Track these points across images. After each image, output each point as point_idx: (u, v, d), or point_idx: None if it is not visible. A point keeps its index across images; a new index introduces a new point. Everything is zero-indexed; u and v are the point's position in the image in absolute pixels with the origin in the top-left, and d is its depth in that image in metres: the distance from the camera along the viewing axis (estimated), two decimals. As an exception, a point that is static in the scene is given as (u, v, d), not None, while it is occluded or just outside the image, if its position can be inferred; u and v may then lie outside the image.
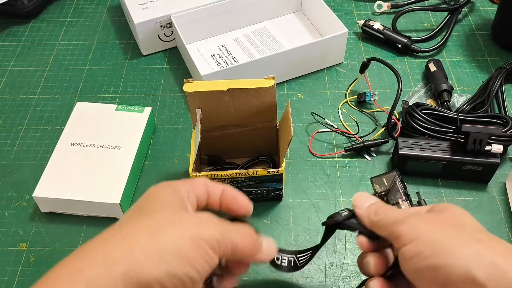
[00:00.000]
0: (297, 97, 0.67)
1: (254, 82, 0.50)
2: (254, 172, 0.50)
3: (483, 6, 0.80)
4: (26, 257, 0.52)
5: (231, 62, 0.70)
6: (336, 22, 0.68)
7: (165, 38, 0.73)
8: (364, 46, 0.74)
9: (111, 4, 0.82)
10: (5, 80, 0.71)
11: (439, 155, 0.54)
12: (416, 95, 0.66)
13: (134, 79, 0.70)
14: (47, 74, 0.71)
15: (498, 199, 0.56)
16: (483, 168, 0.55)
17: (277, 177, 0.51)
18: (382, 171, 0.58)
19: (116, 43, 0.76)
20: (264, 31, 0.75)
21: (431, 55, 0.72)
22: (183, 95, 0.68)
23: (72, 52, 0.74)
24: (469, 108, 0.61)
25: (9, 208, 0.56)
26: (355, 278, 0.50)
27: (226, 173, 0.50)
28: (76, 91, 0.69)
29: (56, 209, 0.55)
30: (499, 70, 0.64)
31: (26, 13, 0.79)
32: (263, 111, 0.53)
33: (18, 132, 0.64)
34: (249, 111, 0.53)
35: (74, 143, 0.57)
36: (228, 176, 0.50)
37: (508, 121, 0.56)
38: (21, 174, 0.59)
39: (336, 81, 0.69)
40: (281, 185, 0.53)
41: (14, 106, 0.67)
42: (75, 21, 0.80)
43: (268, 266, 0.50)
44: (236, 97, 0.51)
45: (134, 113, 0.60)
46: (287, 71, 0.67)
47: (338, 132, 0.62)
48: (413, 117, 0.57)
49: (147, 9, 0.71)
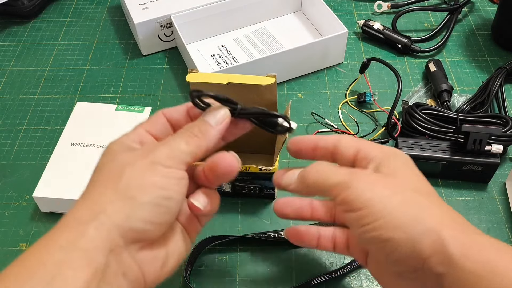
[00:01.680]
0: (297, 97, 0.67)
1: (255, 78, 0.50)
2: (246, 168, 0.50)
3: (483, 6, 0.80)
4: (26, 257, 0.52)
5: (231, 62, 0.70)
6: (336, 22, 0.68)
7: (165, 38, 0.73)
8: (364, 46, 0.74)
9: (111, 4, 0.82)
10: (5, 80, 0.71)
11: (439, 155, 0.54)
12: (416, 95, 0.66)
13: (134, 79, 0.70)
14: (47, 74, 0.71)
15: (498, 199, 0.56)
16: (483, 168, 0.55)
17: (269, 175, 0.51)
18: (382, 171, 0.58)
19: (116, 43, 0.76)
20: (264, 31, 0.75)
21: (431, 55, 0.72)
22: (183, 95, 0.68)
23: (72, 52, 0.74)
24: (469, 108, 0.61)
25: (9, 208, 0.56)
26: (355, 278, 0.50)
27: None
28: (76, 91, 0.69)
29: (56, 209, 0.55)
30: (499, 70, 0.64)
31: (26, 13, 0.79)
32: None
33: (18, 132, 0.64)
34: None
35: (74, 143, 0.57)
36: None
37: (508, 121, 0.56)
38: (21, 174, 0.59)
39: (336, 81, 0.69)
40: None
41: (14, 106, 0.67)
42: (75, 21, 0.80)
43: (268, 266, 0.50)
44: (237, 91, 0.51)
45: (134, 113, 0.60)
46: (287, 71, 0.67)
47: (338, 132, 0.62)
48: (413, 117, 0.57)
49: (147, 9, 0.71)
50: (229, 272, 0.50)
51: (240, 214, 0.55)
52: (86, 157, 0.56)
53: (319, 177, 0.37)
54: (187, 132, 0.36)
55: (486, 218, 0.54)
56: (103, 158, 0.35)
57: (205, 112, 0.37)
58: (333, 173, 0.36)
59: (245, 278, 0.50)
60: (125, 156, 0.34)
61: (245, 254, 0.51)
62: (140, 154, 0.34)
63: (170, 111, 0.38)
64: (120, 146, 0.36)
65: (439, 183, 0.57)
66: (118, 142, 0.36)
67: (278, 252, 0.51)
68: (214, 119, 0.36)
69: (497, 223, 0.53)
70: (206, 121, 0.36)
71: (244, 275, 0.50)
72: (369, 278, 0.49)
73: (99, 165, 0.35)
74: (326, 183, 0.36)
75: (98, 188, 0.33)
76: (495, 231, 0.53)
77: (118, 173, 0.33)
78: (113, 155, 0.35)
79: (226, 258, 0.51)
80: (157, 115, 0.38)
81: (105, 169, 0.34)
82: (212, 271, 0.50)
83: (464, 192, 0.56)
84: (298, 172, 0.39)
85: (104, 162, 0.35)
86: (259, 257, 0.51)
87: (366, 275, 0.50)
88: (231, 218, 0.54)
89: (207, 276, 0.50)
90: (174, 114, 0.38)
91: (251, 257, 0.51)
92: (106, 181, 0.33)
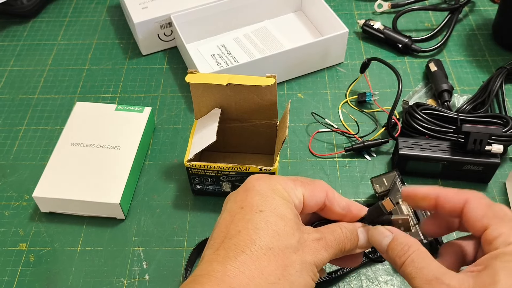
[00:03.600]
0: (297, 97, 0.67)
1: (255, 79, 0.50)
2: (246, 168, 0.50)
3: (484, 6, 0.80)
4: (26, 257, 0.52)
5: (231, 62, 0.70)
6: (336, 21, 0.68)
7: (165, 38, 0.73)
8: (365, 46, 0.74)
9: (111, 4, 0.82)
10: (4, 80, 0.71)
11: (439, 155, 0.54)
12: (417, 95, 0.65)
13: (134, 79, 0.70)
14: (47, 74, 0.71)
15: (498, 199, 0.55)
16: (483, 168, 0.55)
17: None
18: (382, 171, 0.58)
19: (116, 43, 0.76)
20: (264, 31, 0.74)
21: (432, 55, 0.72)
22: (183, 95, 0.67)
23: (71, 52, 0.74)
24: (470, 108, 0.61)
25: (9, 208, 0.56)
26: (355, 278, 0.49)
27: (219, 166, 0.50)
28: (76, 91, 0.69)
29: (56, 209, 0.55)
30: (500, 70, 0.64)
31: (26, 13, 0.79)
32: (264, 108, 0.53)
33: (18, 132, 0.64)
34: (250, 107, 0.53)
35: (74, 143, 0.57)
36: (221, 169, 0.51)
37: (508, 121, 0.56)
38: (21, 174, 0.59)
39: (336, 81, 0.69)
40: None
41: (14, 106, 0.67)
42: (74, 21, 0.80)
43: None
44: (237, 92, 0.51)
45: (134, 113, 0.60)
46: (287, 71, 0.67)
47: (338, 132, 0.62)
48: (413, 117, 0.57)
49: (146, 9, 0.70)
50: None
51: (240, 214, 0.55)
52: (86, 157, 0.56)
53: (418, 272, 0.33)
54: (340, 245, 0.35)
55: (486, 218, 0.54)
56: (260, 195, 0.33)
57: (364, 229, 0.36)
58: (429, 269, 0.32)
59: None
60: (293, 239, 0.32)
61: (245, 254, 0.51)
62: (308, 248, 0.33)
63: (333, 200, 0.36)
64: (279, 195, 0.34)
65: (439, 183, 0.57)
66: (278, 187, 0.34)
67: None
68: (366, 243, 0.36)
69: (498, 223, 0.53)
70: (358, 241, 0.36)
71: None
72: (369, 278, 0.49)
73: (255, 201, 0.33)
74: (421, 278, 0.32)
75: (266, 262, 0.31)
76: (496, 231, 0.53)
77: (286, 260, 0.32)
78: (274, 206, 0.33)
79: (226, 259, 0.51)
80: (320, 188, 0.36)
81: (270, 230, 0.32)
82: (212, 271, 0.50)
83: (464, 192, 0.56)
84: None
85: (265, 207, 0.33)
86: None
87: (366, 275, 0.50)
88: (231, 218, 0.54)
89: (207, 276, 0.50)
90: (335, 205, 0.36)
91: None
92: (275, 256, 0.31)
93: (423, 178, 0.57)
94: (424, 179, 0.57)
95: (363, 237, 0.36)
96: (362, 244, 0.36)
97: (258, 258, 0.31)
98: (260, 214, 0.32)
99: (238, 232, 0.32)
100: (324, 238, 0.34)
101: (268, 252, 0.31)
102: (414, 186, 0.37)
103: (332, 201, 0.36)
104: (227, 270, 0.30)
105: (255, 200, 0.33)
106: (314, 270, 0.33)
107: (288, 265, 0.31)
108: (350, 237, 0.35)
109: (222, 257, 0.31)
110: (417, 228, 0.49)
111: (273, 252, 0.31)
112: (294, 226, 0.33)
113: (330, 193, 0.36)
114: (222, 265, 0.31)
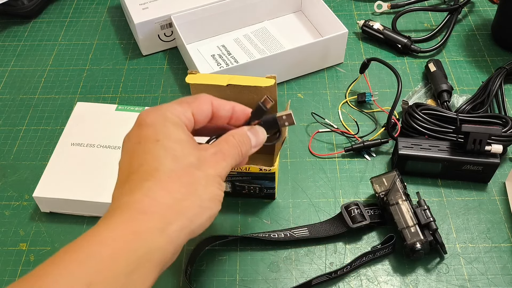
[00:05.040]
0: (297, 97, 0.67)
1: (255, 80, 0.50)
2: (246, 168, 0.50)
3: (483, 6, 0.80)
4: (26, 257, 0.52)
5: (231, 62, 0.70)
6: (336, 22, 0.68)
7: (165, 38, 0.73)
8: (364, 46, 0.74)
9: (111, 4, 0.82)
10: (5, 80, 0.71)
11: (439, 155, 0.54)
12: (416, 95, 0.66)
13: (134, 79, 0.70)
14: (47, 74, 0.71)
15: (498, 199, 0.56)
16: (483, 168, 0.55)
17: (269, 175, 0.51)
18: (382, 171, 0.58)
19: (116, 43, 0.76)
20: (264, 31, 0.75)
21: (431, 55, 0.72)
22: (183, 95, 0.68)
23: (72, 52, 0.74)
24: (469, 108, 0.61)
25: (9, 208, 0.56)
26: (355, 278, 0.50)
27: None
28: (76, 91, 0.69)
29: (56, 209, 0.55)
30: (499, 70, 0.64)
31: (26, 13, 0.79)
32: None
33: (18, 132, 0.64)
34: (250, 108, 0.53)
35: (74, 143, 0.57)
36: None
37: (508, 121, 0.56)
38: (21, 174, 0.59)
39: (336, 81, 0.69)
40: (273, 184, 0.53)
41: (14, 106, 0.67)
42: (75, 21, 0.80)
43: (268, 266, 0.50)
44: (237, 92, 0.51)
45: (134, 113, 0.60)
46: (287, 71, 0.67)
47: (338, 132, 0.62)
48: (413, 117, 0.57)
49: (147, 9, 0.71)
50: (229, 272, 0.50)
51: (240, 214, 0.55)
52: (86, 157, 0.56)
53: None
54: (236, 150, 0.38)
55: (486, 218, 0.54)
56: (153, 127, 0.35)
57: (252, 131, 0.40)
58: None
59: (245, 278, 0.50)
60: (191, 158, 0.35)
61: (245, 254, 0.52)
62: (208, 163, 0.36)
63: (218, 107, 0.39)
64: (170, 122, 0.36)
65: (439, 183, 0.57)
66: (168, 114, 0.36)
67: (278, 252, 0.52)
68: (257, 141, 0.40)
69: (497, 223, 0.53)
70: (250, 142, 0.39)
71: (244, 275, 0.50)
72: (369, 278, 0.49)
73: (149, 133, 0.35)
74: None
75: (171, 183, 0.33)
76: (495, 231, 0.53)
77: (190, 178, 0.34)
78: (168, 133, 0.35)
79: (226, 258, 0.51)
80: (205, 101, 0.39)
81: (169, 155, 0.34)
82: (212, 271, 0.50)
83: (464, 192, 0.56)
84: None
85: (160, 136, 0.35)
86: (259, 257, 0.51)
87: (366, 275, 0.50)
88: (231, 218, 0.54)
89: (207, 276, 0.50)
90: (221, 111, 0.39)
91: (251, 257, 0.51)
92: (179, 176, 0.34)
93: (423, 178, 0.57)
94: (423, 179, 0.57)
95: (253, 137, 0.40)
96: (254, 143, 0.40)
97: (163, 181, 0.33)
98: (157, 144, 0.34)
99: (140, 165, 0.34)
100: (220, 150, 0.37)
101: (171, 174, 0.34)
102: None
103: (218, 108, 0.39)
104: (135, 199, 0.33)
105: (149, 132, 0.35)
106: (219, 181, 0.36)
107: (193, 182, 0.34)
108: (243, 140, 0.39)
109: (129, 190, 0.33)
110: (417, 228, 0.49)
111: (176, 173, 0.34)
112: (191, 146, 0.36)
113: (215, 102, 0.39)
114: (129, 196, 0.33)
